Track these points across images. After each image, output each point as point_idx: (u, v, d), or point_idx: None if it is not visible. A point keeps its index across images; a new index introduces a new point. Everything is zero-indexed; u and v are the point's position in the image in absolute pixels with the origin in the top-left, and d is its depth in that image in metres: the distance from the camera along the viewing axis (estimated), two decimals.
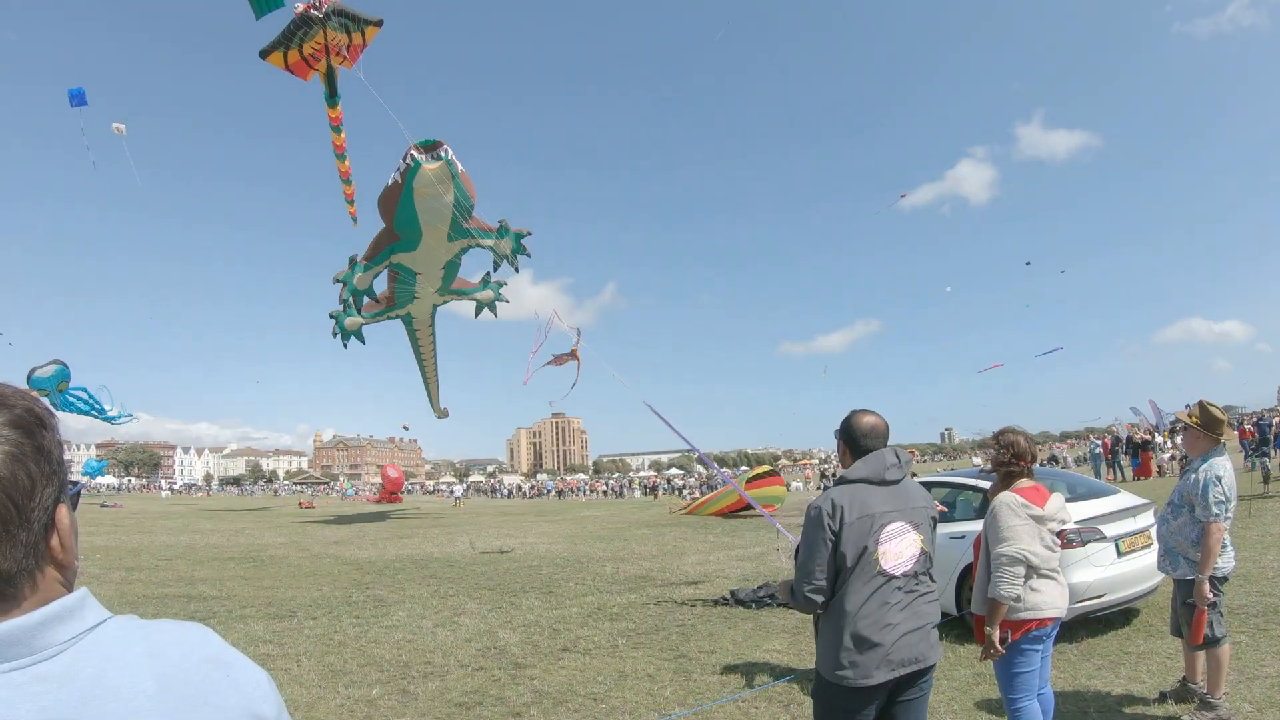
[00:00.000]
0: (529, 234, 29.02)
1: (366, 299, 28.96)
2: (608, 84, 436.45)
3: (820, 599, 3.82)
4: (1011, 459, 5.04)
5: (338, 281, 27.03)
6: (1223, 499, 5.77)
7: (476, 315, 34.15)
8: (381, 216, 26.15)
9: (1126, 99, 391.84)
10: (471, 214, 26.59)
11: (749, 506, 24.58)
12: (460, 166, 24.58)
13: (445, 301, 33.33)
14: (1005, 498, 4.94)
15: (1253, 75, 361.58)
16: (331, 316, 30.08)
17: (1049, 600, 4.83)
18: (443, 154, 23.78)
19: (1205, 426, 6.03)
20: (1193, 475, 5.99)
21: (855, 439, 4.05)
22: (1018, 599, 4.70)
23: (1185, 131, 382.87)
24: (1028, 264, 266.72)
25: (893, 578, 3.73)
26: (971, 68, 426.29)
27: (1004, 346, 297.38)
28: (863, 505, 3.78)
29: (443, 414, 43.06)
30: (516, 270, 29.45)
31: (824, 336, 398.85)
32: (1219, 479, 5.81)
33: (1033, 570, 4.80)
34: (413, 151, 23.53)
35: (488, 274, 32.85)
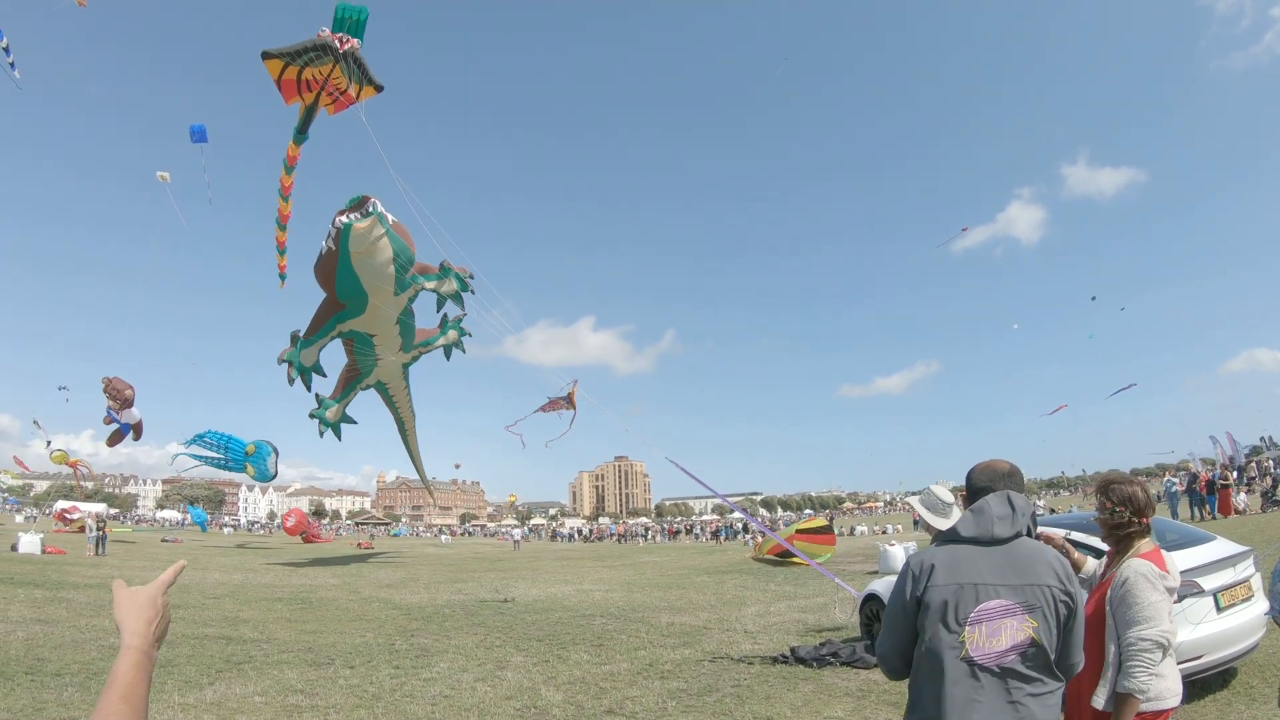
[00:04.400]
0: (471, 276, 28.66)
1: (321, 377, 28.46)
2: (661, 127, 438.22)
3: (887, 665, 3.20)
4: (1132, 516, 4.02)
5: (283, 362, 26.51)
6: None
7: (448, 358, 33.66)
8: (321, 287, 25.53)
9: (1171, 134, 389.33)
10: (413, 263, 26.03)
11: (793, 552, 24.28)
12: (391, 218, 24.00)
13: (414, 359, 32.89)
14: (1140, 567, 3.89)
15: None
16: (312, 417, 29.99)
17: (1172, 687, 3.82)
18: (371, 209, 23.12)
19: None
20: None
21: (972, 486, 3.30)
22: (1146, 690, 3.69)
23: (1231, 162, 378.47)
24: (1093, 299, 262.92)
25: (983, 668, 2.87)
26: (1013, 112, 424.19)
27: (1067, 382, 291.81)
28: (957, 570, 2.97)
29: (432, 485, 43.08)
30: (463, 311, 29.00)
31: (883, 379, 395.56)
32: None
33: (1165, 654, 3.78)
34: (340, 218, 22.97)
35: (444, 316, 32.28)
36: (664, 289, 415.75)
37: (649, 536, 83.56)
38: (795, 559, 27.74)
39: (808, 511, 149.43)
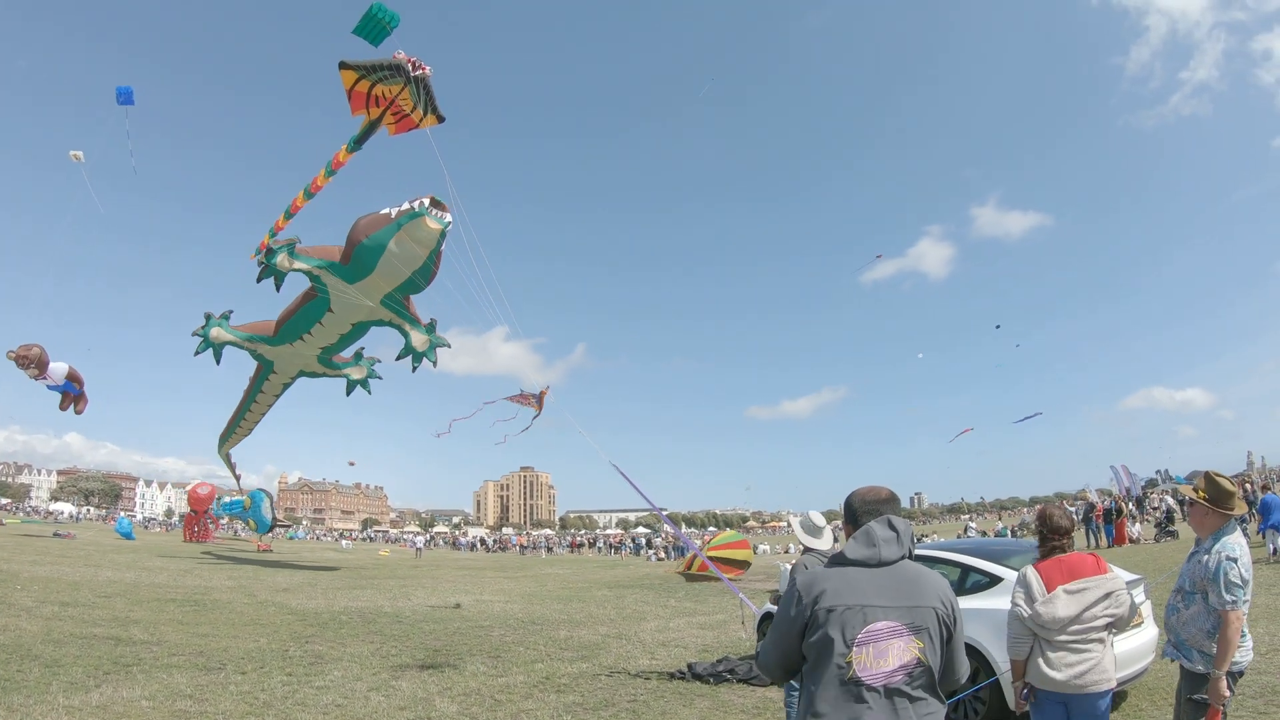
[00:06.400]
0: (449, 345, 28.68)
1: (275, 290, 26.06)
2: (578, 137, 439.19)
3: (768, 672, 3.35)
4: (1041, 530, 5.57)
5: (263, 251, 24.73)
6: (1239, 582, 5.14)
7: (348, 394, 33.36)
8: (348, 238, 24.63)
9: (1078, 183, 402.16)
10: (418, 291, 25.93)
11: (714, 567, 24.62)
12: (444, 245, 23.81)
13: (313, 373, 32.40)
14: (1024, 569, 5.49)
15: (1196, 158, 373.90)
16: (206, 316, 29.43)
17: (1040, 675, 5.21)
18: (448, 223, 22.93)
19: (1214, 501, 5.41)
20: (1204, 557, 5.31)
21: (853, 514, 3.39)
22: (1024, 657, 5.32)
23: (1133, 214, 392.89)
24: (998, 327, 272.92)
25: (870, 688, 2.96)
26: (927, 152, 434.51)
27: (972, 413, 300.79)
28: (845, 592, 3.06)
29: (226, 457, 41.73)
30: (414, 370, 28.78)
31: (790, 402, 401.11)
32: (1234, 560, 5.15)
33: (1038, 640, 5.25)
34: (425, 200, 22.76)
35: (360, 350, 32.16)
36: (577, 302, 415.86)
37: (549, 548, 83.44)
38: (712, 574, 28.08)
39: (710, 529, 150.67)
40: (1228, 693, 5.11)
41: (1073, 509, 40.23)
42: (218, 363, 30.20)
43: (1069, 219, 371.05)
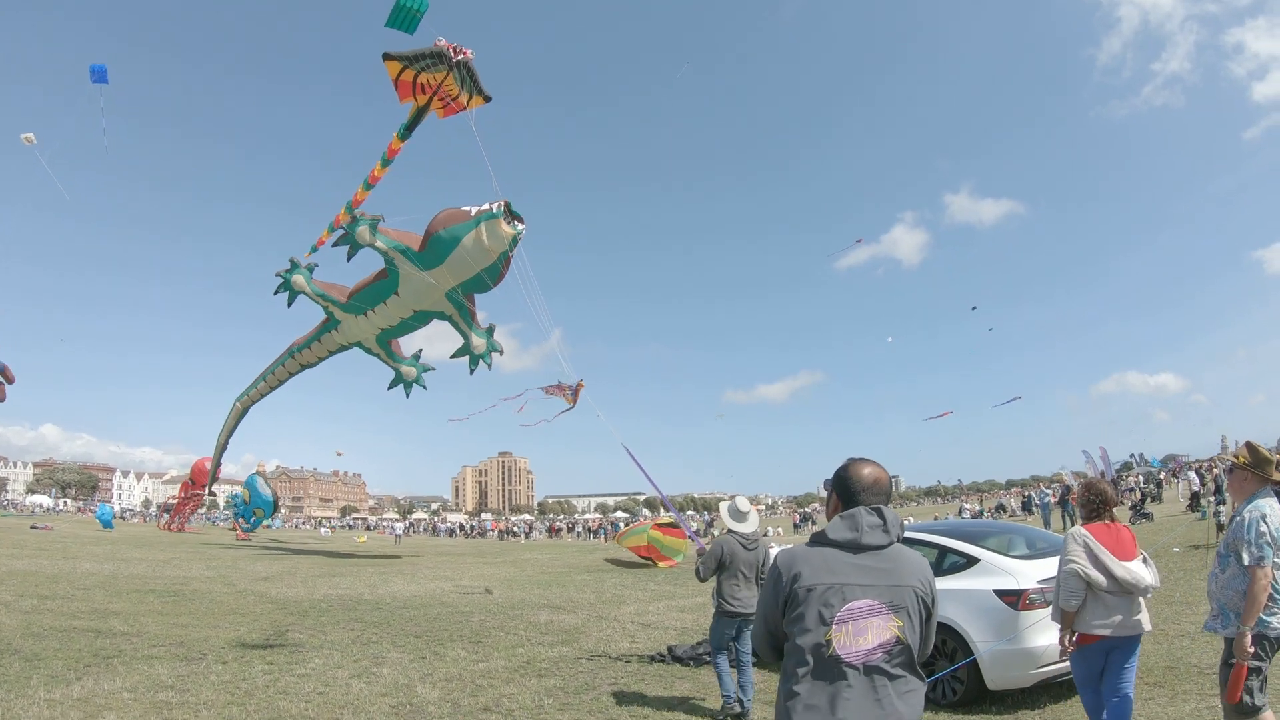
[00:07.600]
0: (502, 351, 29.56)
1: (348, 260, 27.16)
2: (553, 121, 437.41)
3: (760, 652, 3.48)
4: (1092, 499, 6.33)
5: (350, 216, 25.48)
6: (1269, 540, 5.24)
7: (390, 388, 33.68)
8: (426, 228, 25.66)
9: (1051, 173, 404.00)
10: (484, 290, 26.66)
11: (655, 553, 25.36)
12: (514, 252, 24.68)
13: (369, 350, 32.67)
14: (1073, 530, 6.18)
15: (1168, 148, 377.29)
16: (291, 261, 29.88)
17: (1090, 620, 5.89)
18: (520, 228, 24.00)
19: (1255, 467, 5.60)
20: (1238, 519, 5.51)
21: (851, 493, 3.29)
22: (1075, 609, 5.91)
23: (1106, 201, 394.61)
24: (974, 309, 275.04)
25: (849, 665, 2.98)
26: (900, 139, 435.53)
27: (947, 396, 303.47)
28: (823, 571, 3.08)
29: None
30: (471, 373, 29.59)
31: (766, 386, 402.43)
32: (1264, 517, 5.31)
33: (1092, 591, 5.86)
34: (502, 204, 23.80)
35: (419, 352, 33.24)
36: (554, 287, 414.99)
37: (527, 533, 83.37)
38: (653, 559, 28.41)
39: (689, 512, 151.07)
40: (1252, 648, 5.22)
41: (1048, 491, 40.80)
42: (289, 305, 30.89)
43: (1042, 207, 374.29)
